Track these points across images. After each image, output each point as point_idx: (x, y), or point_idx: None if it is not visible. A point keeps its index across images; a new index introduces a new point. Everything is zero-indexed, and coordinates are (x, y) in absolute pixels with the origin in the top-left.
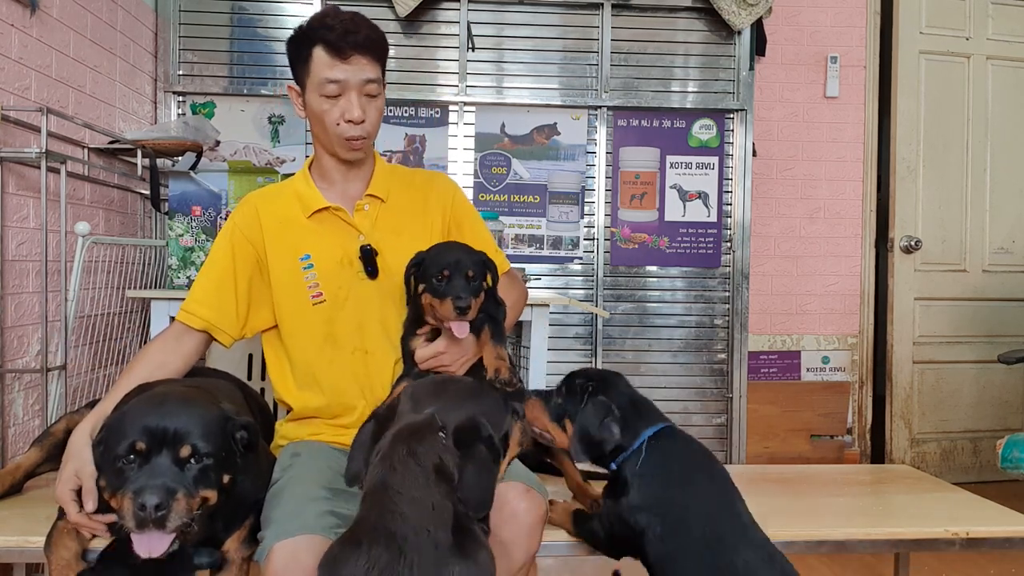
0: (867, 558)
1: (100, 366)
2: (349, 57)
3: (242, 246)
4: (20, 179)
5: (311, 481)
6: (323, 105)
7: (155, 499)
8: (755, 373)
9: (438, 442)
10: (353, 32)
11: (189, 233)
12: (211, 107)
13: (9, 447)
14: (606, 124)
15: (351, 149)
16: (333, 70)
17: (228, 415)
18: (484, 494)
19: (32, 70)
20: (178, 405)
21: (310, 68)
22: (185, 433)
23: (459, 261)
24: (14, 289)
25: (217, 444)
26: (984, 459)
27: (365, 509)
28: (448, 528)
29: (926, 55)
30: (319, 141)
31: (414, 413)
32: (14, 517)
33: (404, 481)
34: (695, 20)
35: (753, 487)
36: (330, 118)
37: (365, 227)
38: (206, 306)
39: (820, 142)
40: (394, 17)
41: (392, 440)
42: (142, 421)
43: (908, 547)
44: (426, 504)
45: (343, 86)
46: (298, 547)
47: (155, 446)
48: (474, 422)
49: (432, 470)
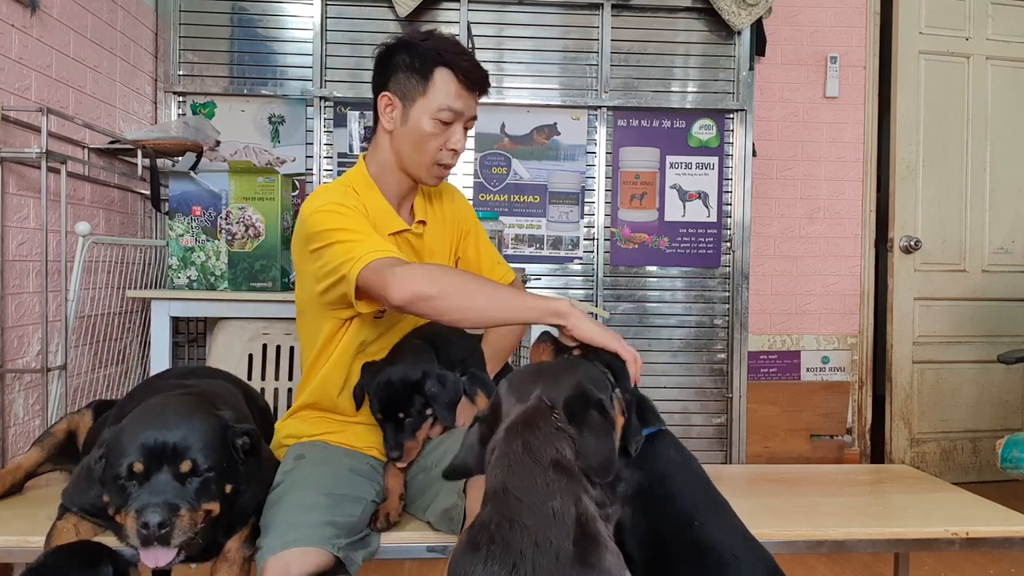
0: (867, 558)
1: (100, 366)
2: (474, 92)
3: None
4: (20, 179)
5: (311, 488)
6: (433, 129)
7: (157, 518)
8: (755, 373)
9: (551, 425)
10: (479, 69)
11: (189, 233)
12: (211, 107)
13: (9, 447)
14: (606, 124)
15: (438, 176)
16: (459, 100)
17: (227, 423)
18: (606, 457)
19: (32, 70)
20: (176, 418)
21: (429, 88)
22: (184, 448)
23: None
24: (14, 289)
25: (217, 455)
26: (984, 459)
27: (487, 512)
28: (570, 536)
29: (926, 55)
30: (399, 158)
31: (518, 400)
32: (14, 517)
33: (523, 484)
34: (695, 20)
35: (753, 487)
36: (433, 144)
37: (422, 253)
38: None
39: (820, 142)
40: (394, 17)
41: (506, 435)
42: (140, 439)
43: (908, 547)
44: (546, 511)
45: (458, 117)
46: (290, 561)
47: (155, 463)
48: (581, 390)
49: (550, 466)
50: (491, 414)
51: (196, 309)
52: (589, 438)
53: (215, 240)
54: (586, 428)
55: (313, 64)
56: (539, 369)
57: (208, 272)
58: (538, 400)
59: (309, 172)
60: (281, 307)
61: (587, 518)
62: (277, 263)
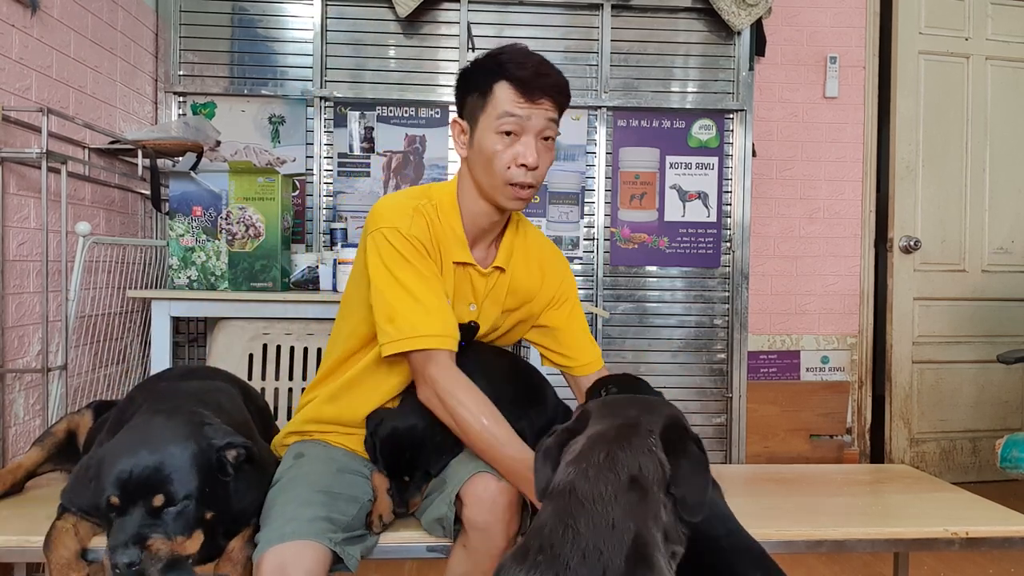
0: (866, 558)
1: (101, 366)
2: (537, 99)
3: (434, 258)
4: (21, 179)
5: (309, 485)
6: (496, 145)
7: (125, 559)
8: (755, 373)
9: (645, 446)
10: (545, 75)
11: (190, 233)
12: (211, 107)
13: (9, 447)
14: (606, 124)
15: (515, 197)
16: (519, 108)
17: (210, 442)
18: (702, 494)
19: (33, 70)
20: (153, 446)
21: (489, 103)
22: (158, 481)
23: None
24: (15, 289)
25: (196, 482)
26: (983, 459)
27: (546, 514)
28: (623, 552)
29: (925, 55)
30: (478, 185)
31: (610, 417)
32: (14, 517)
33: (593, 490)
34: (695, 20)
35: (752, 487)
36: (501, 160)
37: (480, 294)
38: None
39: (819, 142)
40: (394, 17)
41: (591, 441)
42: (115, 471)
43: (907, 547)
44: (607, 521)
45: (522, 126)
46: (286, 555)
47: (128, 498)
48: (680, 422)
49: (627, 480)
50: (576, 425)
51: (196, 309)
52: (687, 468)
53: (215, 240)
54: (684, 459)
55: (313, 64)
56: (635, 399)
57: (208, 272)
58: (636, 420)
59: (309, 172)
60: (281, 307)
61: (647, 542)
62: (277, 263)
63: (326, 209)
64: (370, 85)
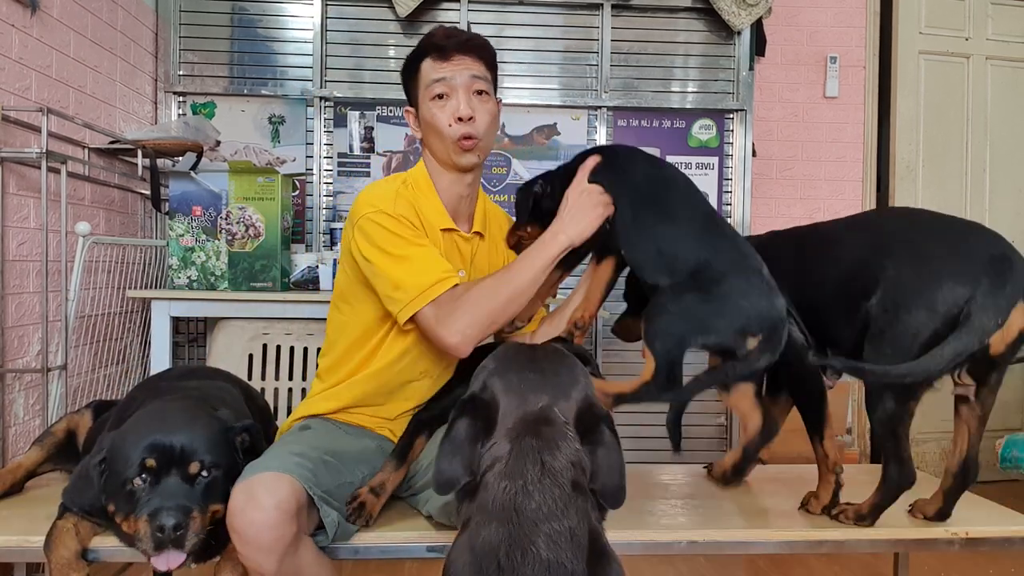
0: (866, 558)
1: (101, 366)
2: (452, 56)
3: (421, 230)
4: (21, 179)
5: (302, 444)
6: (433, 109)
7: (172, 520)
8: None
9: (570, 445)
10: (455, 36)
11: (190, 233)
12: (211, 107)
13: (9, 447)
14: (606, 124)
15: (464, 150)
16: (441, 70)
17: (228, 424)
18: (620, 481)
19: (32, 70)
20: (179, 420)
21: (419, 80)
22: (192, 450)
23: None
24: (14, 289)
25: (222, 455)
26: (983, 459)
27: (494, 533)
28: (584, 555)
29: (925, 55)
30: (435, 155)
31: (520, 405)
32: (14, 517)
33: (542, 509)
34: (695, 20)
35: (753, 487)
36: (441, 121)
37: (467, 259)
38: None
39: (820, 142)
40: (394, 17)
41: (516, 448)
42: (146, 442)
43: (908, 547)
44: (566, 536)
45: (450, 85)
46: (255, 482)
47: (163, 466)
48: (590, 403)
49: (571, 487)
50: (483, 410)
51: (196, 309)
52: (603, 459)
53: (215, 240)
54: (600, 448)
55: (313, 64)
56: (537, 366)
57: (208, 272)
58: (550, 412)
59: (309, 172)
60: (281, 307)
61: (597, 535)
62: (277, 263)
63: (326, 209)
64: (370, 85)
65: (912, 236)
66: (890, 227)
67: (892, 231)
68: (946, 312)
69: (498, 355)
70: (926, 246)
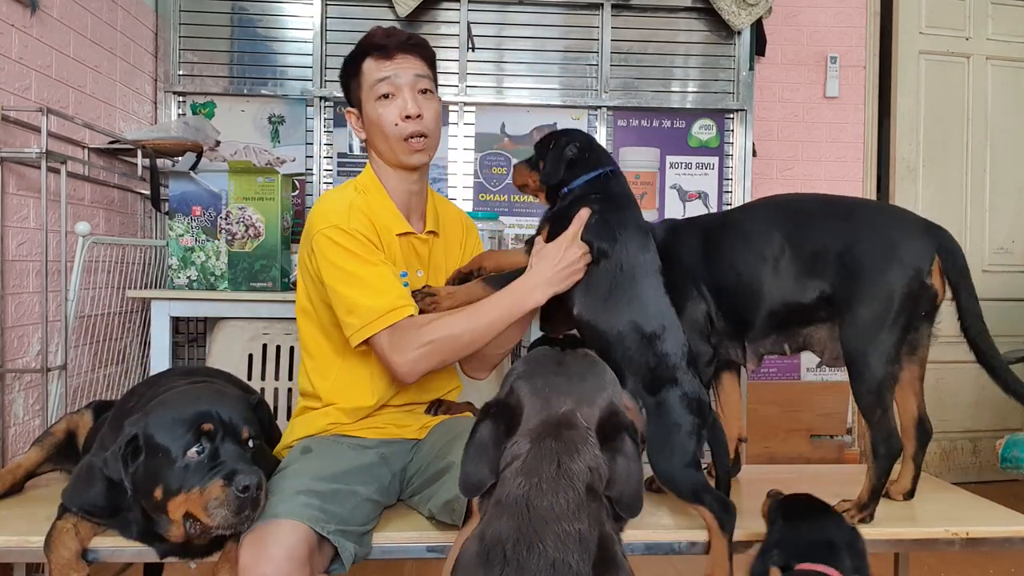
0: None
1: (100, 366)
2: (394, 56)
3: (378, 244)
4: (20, 179)
5: (307, 475)
6: (379, 109)
7: (255, 478)
8: (755, 373)
9: (589, 449)
10: (395, 35)
11: (189, 233)
12: (211, 107)
13: (9, 447)
14: (606, 124)
15: (413, 150)
16: (384, 70)
17: (254, 398)
18: (638, 490)
19: (32, 70)
20: (215, 396)
21: (361, 80)
22: (239, 419)
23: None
24: (14, 289)
25: (257, 426)
26: (984, 459)
27: (504, 526)
28: (590, 558)
29: (926, 55)
30: (382, 155)
31: (544, 407)
32: (14, 517)
33: (554, 508)
34: (695, 20)
35: (753, 487)
36: (387, 120)
37: (424, 260)
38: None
39: (820, 142)
40: (394, 17)
41: (536, 447)
42: (194, 412)
43: (908, 547)
44: (574, 536)
45: (395, 84)
46: (267, 530)
47: (220, 429)
48: (614, 410)
49: (585, 491)
50: (507, 412)
51: (196, 309)
52: (622, 468)
53: (215, 240)
54: (619, 456)
55: (313, 64)
56: (565, 371)
57: (208, 272)
58: (573, 416)
59: (309, 172)
60: (281, 307)
61: (609, 541)
62: (277, 263)
63: None
64: None
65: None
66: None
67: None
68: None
69: (528, 358)
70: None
